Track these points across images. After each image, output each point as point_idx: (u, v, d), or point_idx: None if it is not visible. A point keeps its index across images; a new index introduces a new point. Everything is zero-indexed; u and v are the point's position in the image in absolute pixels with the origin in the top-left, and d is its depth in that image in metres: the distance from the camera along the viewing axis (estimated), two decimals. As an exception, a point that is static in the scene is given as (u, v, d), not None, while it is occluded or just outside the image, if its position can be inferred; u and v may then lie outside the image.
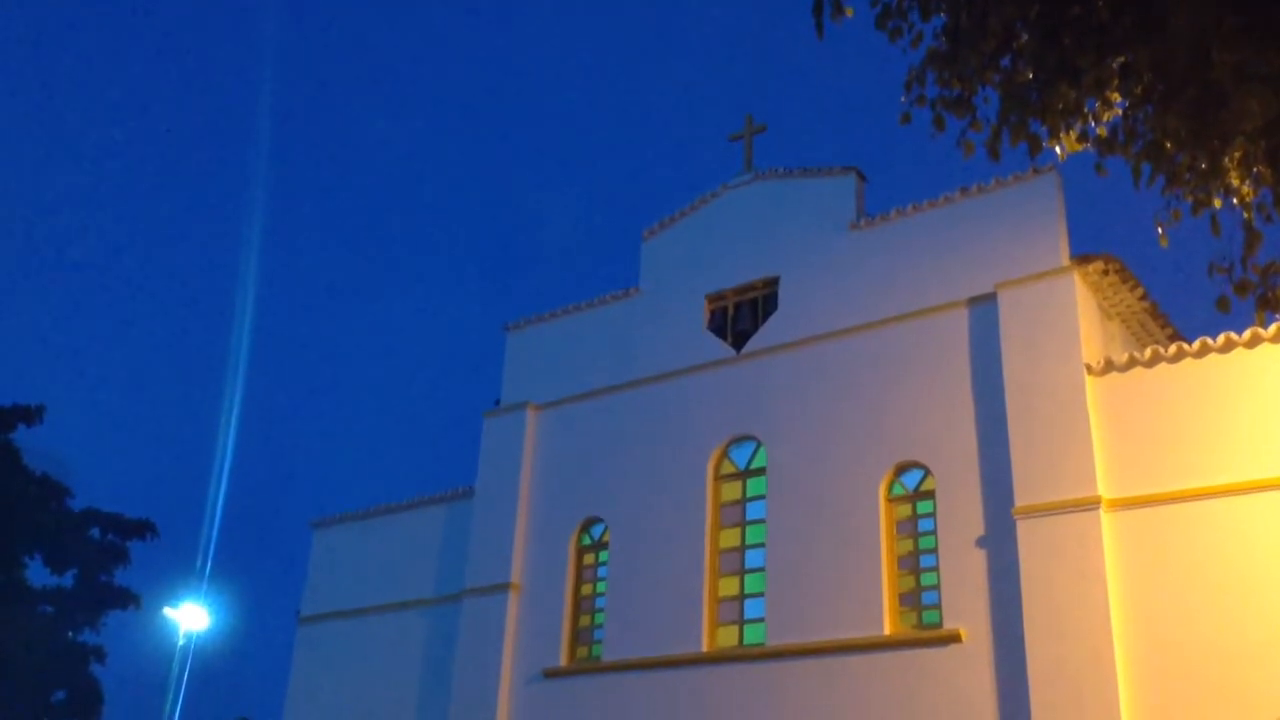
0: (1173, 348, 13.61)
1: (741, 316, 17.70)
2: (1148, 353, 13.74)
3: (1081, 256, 14.66)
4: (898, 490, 15.30)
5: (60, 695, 28.71)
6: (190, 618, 24.78)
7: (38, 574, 28.85)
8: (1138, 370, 13.69)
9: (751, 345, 17.27)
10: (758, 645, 15.55)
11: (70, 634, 28.68)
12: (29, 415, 28.11)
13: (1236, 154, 5.62)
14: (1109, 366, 13.88)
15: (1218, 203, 5.92)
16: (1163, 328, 15.88)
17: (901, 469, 15.28)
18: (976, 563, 14.09)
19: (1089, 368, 13.94)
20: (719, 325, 17.86)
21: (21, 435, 28.44)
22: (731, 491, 16.88)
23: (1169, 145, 5.52)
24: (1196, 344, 13.42)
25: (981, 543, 14.12)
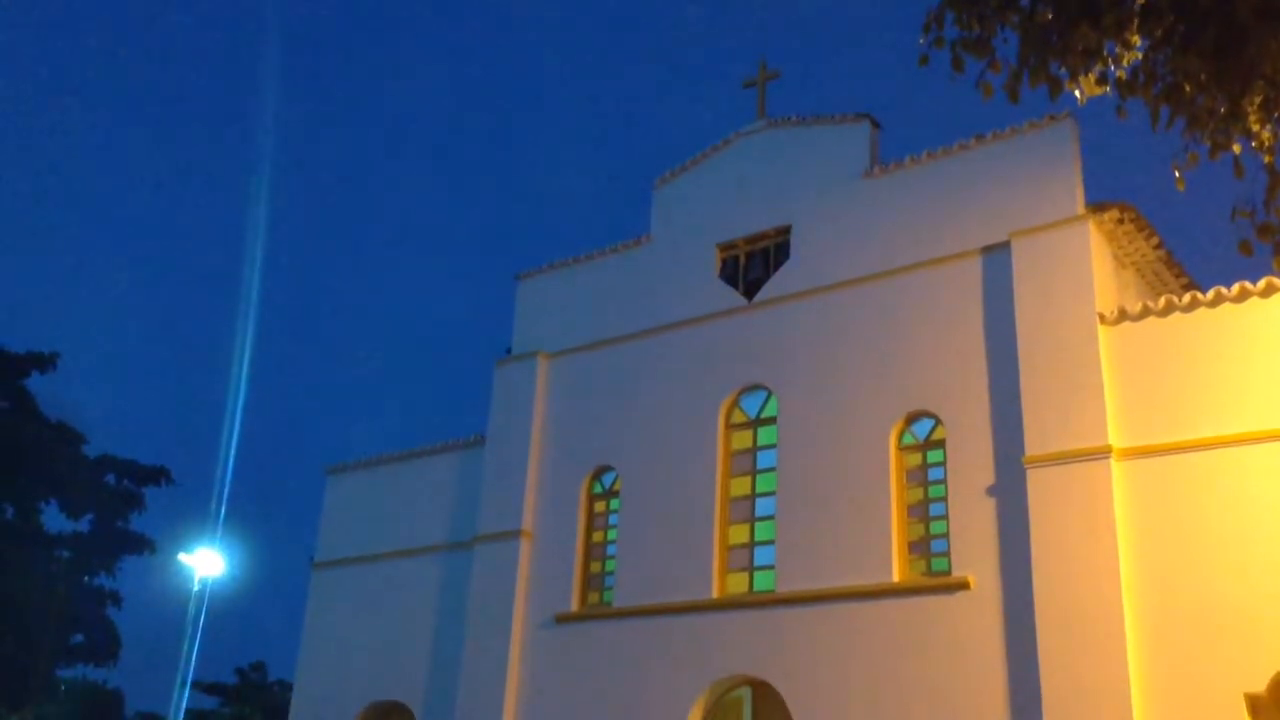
0: (1186, 297, 13.55)
1: (753, 265, 17.65)
2: (1161, 302, 13.68)
3: (1096, 205, 14.56)
4: (908, 439, 15.32)
5: (78, 638, 29.13)
6: (205, 563, 25.02)
7: (54, 519, 29.17)
8: (1151, 320, 13.64)
9: (763, 294, 17.23)
10: (767, 592, 15.66)
11: (86, 578, 29.04)
12: (43, 362, 28.28)
13: (1257, 98, 5.55)
14: (1122, 316, 13.82)
15: (1237, 148, 5.87)
16: (1177, 277, 15.81)
17: (912, 418, 15.29)
18: (986, 511, 14.13)
19: (1102, 317, 13.89)
20: (730, 274, 17.82)
21: (36, 382, 28.65)
22: (742, 440, 16.92)
23: (1189, 88, 5.46)
24: (1210, 293, 13.35)
25: (991, 491, 14.15)
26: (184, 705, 32.18)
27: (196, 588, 25.21)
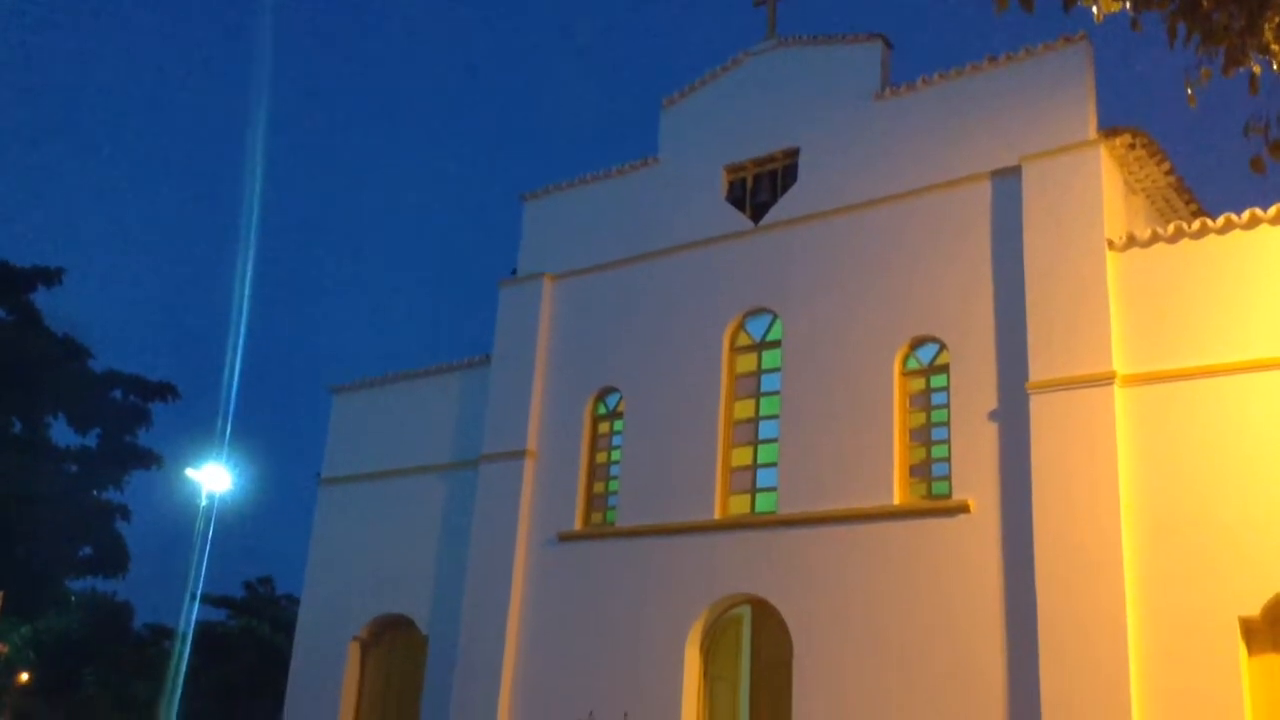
0: (1196, 223, 13.45)
1: (760, 188, 17.53)
2: (1170, 228, 13.58)
3: (1108, 130, 14.40)
4: (912, 364, 15.33)
5: (87, 551, 29.48)
6: (212, 479, 25.24)
7: (61, 434, 29.37)
8: (1160, 246, 13.56)
9: (770, 217, 17.13)
10: (769, 513, 15.80)
11: (95, 492, 29.31)
12: (48, 277, 28.28)
13: (1276, 17, 5.46)
14: (1131, 242, 13.74)
15: (1257, 69, 5.78)
16: (1187, 204, 15.69)
17: (917, 343, 15.29)
18: (988, 436, 14.19)
19: (1111, 243, 13.81)
20: (738, 196, 17.70)
21: (41, 297, 28.66)
22: (747, 363, 16.95)
23: (1205, 3, 5.36)
24: (1221, 219, 13.25)
25: (994, 417, 14.20)
26: (194, 618, 32.72)
27: (204, 503, 25.45)
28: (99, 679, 34.01)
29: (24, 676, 26.77)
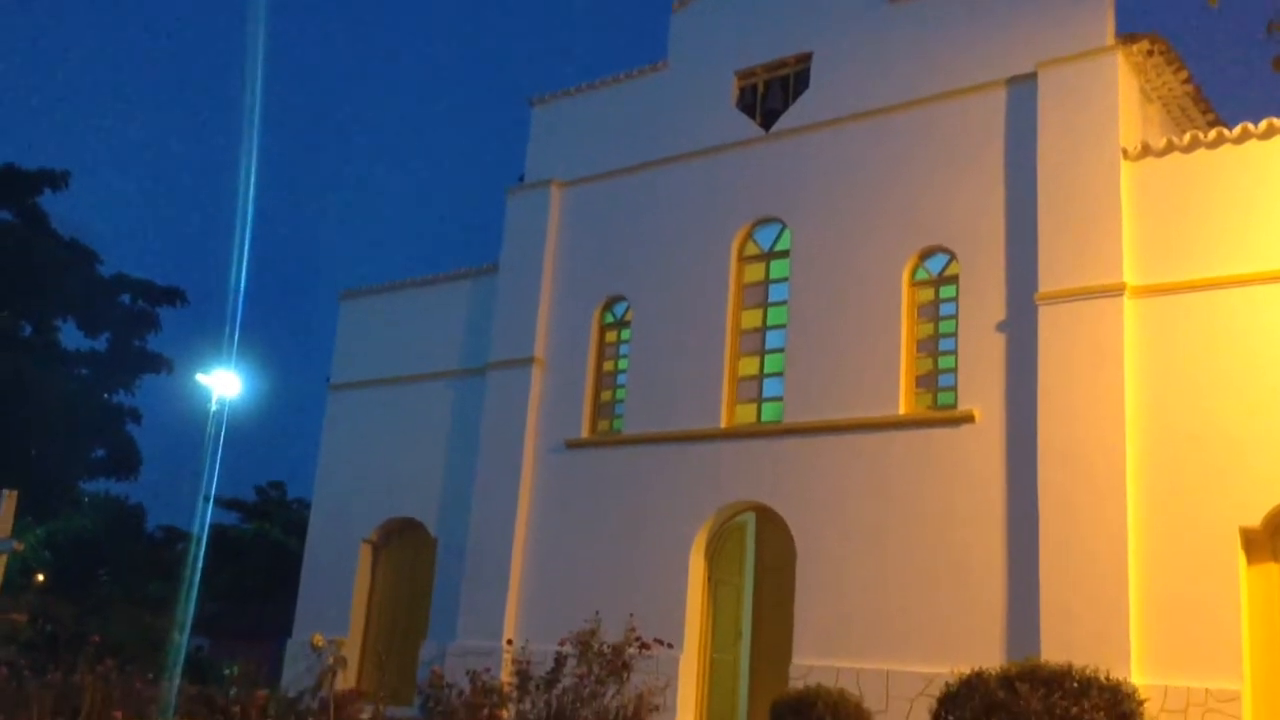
0: (1212, 133, 13.28)
1: (771, 94, 17.29)
2: (1186, 138, 13.42)
3: (1126, 36, 14.15)
4: (921, 275, 15.28)
5: (100, 453, 29.76)
6: (222, 383, 25.33)
7: (71, 338, 29.47)
8: (1175, 156, 13.40)
9: (781, 124, 16.94)
10: (774, 422, 15.88)
11: (106, 395, 29.49)
12: (54, 180, 28.10)
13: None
14: (1145, 151, 13.58)
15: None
16: (1204, 114, 15.46)
17: (927, 253, 15.22)
18: (995, 347, 14.19)
19: (1125, 152, 13.65)
20: (748, 103, 17.47)
21: (48, 200, 28.53)
22: (754, 273, 16.90)
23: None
24: (1237, 129, 13.08)
25: (1001, 328, 14.18)
26: (207, 521, 33.15)
27: (214, 408, 25.60)
28: (114, 579, 34.60)
29: (40, 576, 27.24)
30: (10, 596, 15.01)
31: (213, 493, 30.43)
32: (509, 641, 12.21)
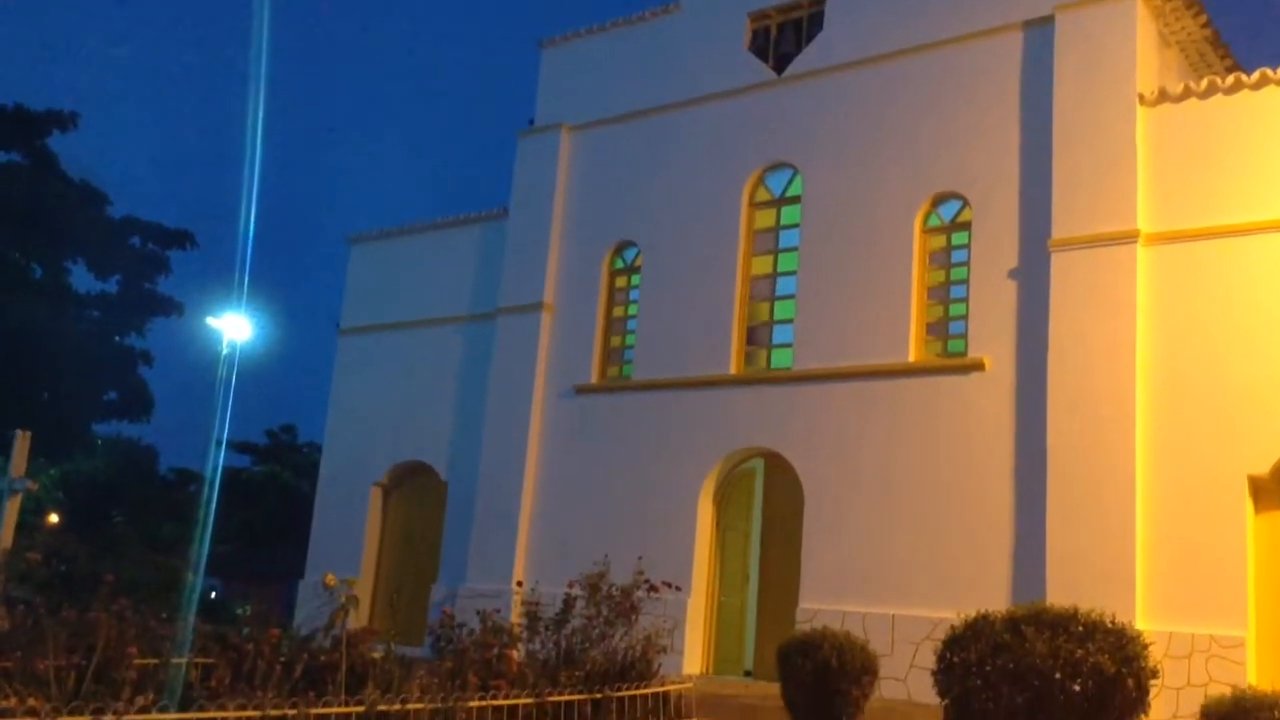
0: (1229, 78, 13.12)
1: (784, 37, 17.10)
2: (1203, 83, 13.25)
3: (1147, -21, 13.93)
4: (934, 221, 15.19)
5: (112, 395, 29.89)
6: (233, 327, 25.37)
7: (82, 280, 29.46)
8: (1191, 102, 13.25)
9: (794, 68, 16.76)
10: (784, 369, 15.88)
11: (117, 338, 29.54)
12: (63, 121, 27.94)
13: None
14: (1162, 97, 13.43)
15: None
16: (1222, 59, 15.26)
17: (939, 199, 15.12)
18: (1007, 294, 14.14)
19: (1142, 98, 13.49)
20: (760, 46, 17.28)
21: (57, 142, 28.40)
22: (765, 219, 16.81)
23: None
24: (1255, 75, 12.92)
25: (1014, 275, 14.12)
26: (220, 463, 33.39)
27: (225, 351, 25.65)
28: (128, 520, 34.96)
29: (54, 517, 27.52)
30: (25, 536, 15.15)
31: (225, 436, 30.62)
32: (519, 584, 12.32)
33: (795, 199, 16.44)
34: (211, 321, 26.01)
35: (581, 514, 17.02)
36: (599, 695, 9.11)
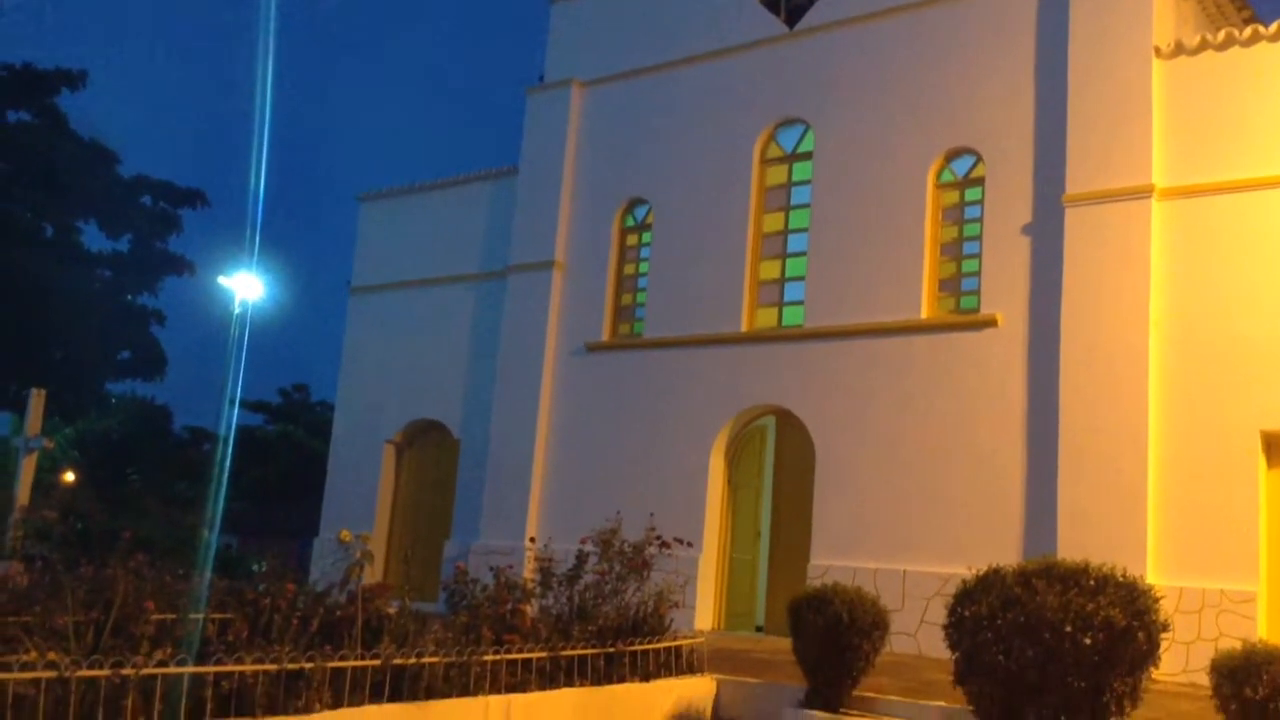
0: (1247, 30, 12.95)
1: (797, -9, 16.91)
2: (1220, 35, 13.09)
3: (1164, -71, 13.73)
4: (947, 176, 15.10)
5: (125, 354, 30.00)
6: (244, 286, 25.38)
7: (93, 239, 29.49)
8: (1208, 54, 13.09)
9: (806, 21, 16.60)
10: (795, 326, 15.86)
11: (129, 297, 29.61)
12: (72, 80, 27.85)
13: None
14: (1178, 50, 13.27)
15: None
16: (1239, 10, 15.07)
17: (952, 155, 15.01)
18: (1020, 250, 14.07)
19: (1158, 50, 13.34)
20: (772, 0, 17.11)
21: (66, 101, 28.32)
22: (777, 175, 16.73)
23: None
24: (1273, 27, 12.75)
25: (1027, 230, 14.04)
26: (233, 422, 33.53)
27: (237, 310, 25.68)
28: (142, 478, 35.22)
29: (69, 475, 27.73)
30: (41, 494, 15.27)
31: (238, 395, 30.74)
32: (531, 540, 12.40)
33: (807, 155, 16.34)
34: (223, 280, 26.03)
35: (593, 471, 17.08)
36: (612, 650, 9.20)
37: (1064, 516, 12.84)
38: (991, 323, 14.07)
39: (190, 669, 6.58)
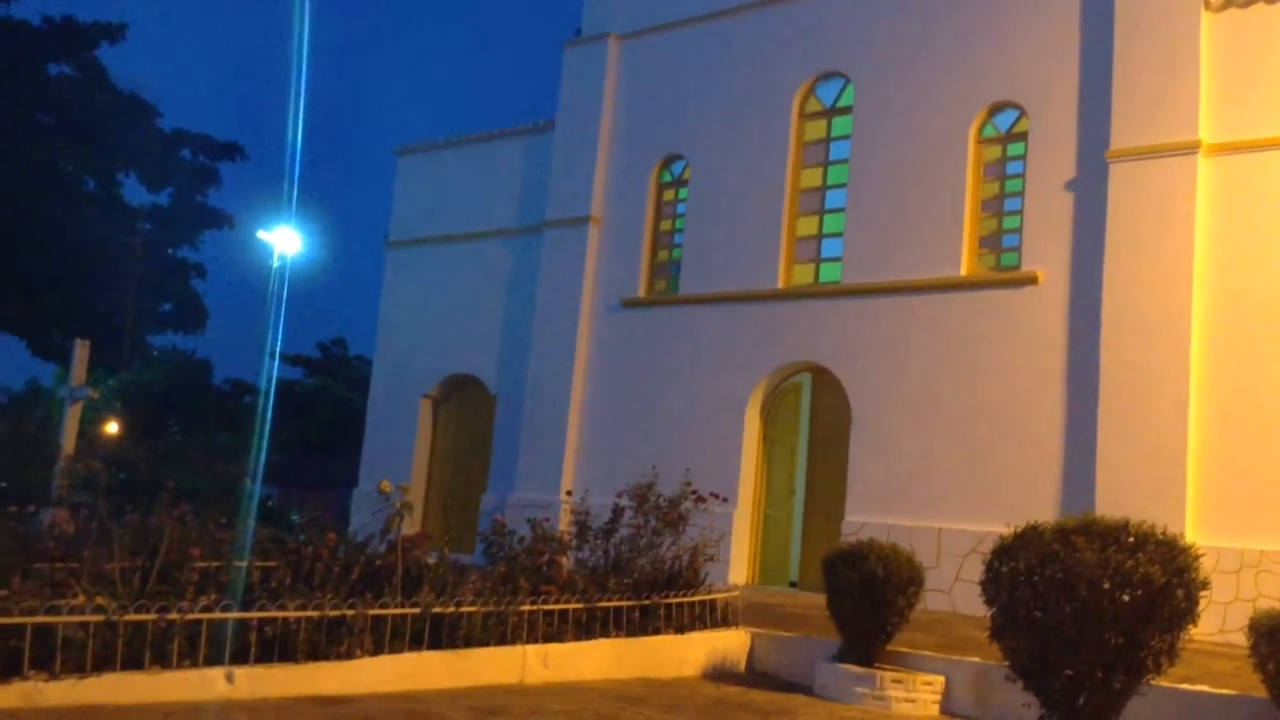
0: (1302, -17, 12.66)
1: (838, -58, 16.66)
2: (1273, -13, 12.80)
3: (1217, -122, 13.39)
4: (989, 132, 14.90)
5: (166, 307, 30.29)
6: (283, 241, 25.54)
7: (134, 192, 29.66)
8: (1258, 6, 12.81)
9: (847, -26, 16.36)
10: (833, 283, 15.78)
11: (170, 250, 29.83)
12: (111, 33, 27.90)
13: None
14: (1228, 2, 12.99)
15: None
16: (1295, -38, 14.69)
17: (995, 109, 14.81)
18: (1063, 207, 13.90)
19: (1207, 2, 13.07)
20: (813, -49, 16.86)
21: (106, 54, 28.41)
22: (816, 130, 16.57)
23: None
24: (1330, -21, 12.45)
25: (1070, 186, 13.86)
26: (273, 375, 33.86)
27: (276, 264, 25.87)
28: (184, 430, 35.67)
29: (112, 426, 28.12)
30: (85, 444, 15.50)
31: (278, 349, 30.98)
32: (568, 493, 12.50)
33: (846, 110, 16.17)
34: (262, 235, 26.22)
35: (629, 426, 17.14)
36: (647, 602, 9.29)
37: (1103, 475, 12.76)
38: (1032, 280, 13.93)
39: (235, 614, 6.71)
